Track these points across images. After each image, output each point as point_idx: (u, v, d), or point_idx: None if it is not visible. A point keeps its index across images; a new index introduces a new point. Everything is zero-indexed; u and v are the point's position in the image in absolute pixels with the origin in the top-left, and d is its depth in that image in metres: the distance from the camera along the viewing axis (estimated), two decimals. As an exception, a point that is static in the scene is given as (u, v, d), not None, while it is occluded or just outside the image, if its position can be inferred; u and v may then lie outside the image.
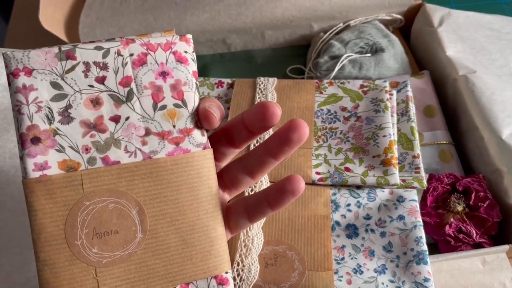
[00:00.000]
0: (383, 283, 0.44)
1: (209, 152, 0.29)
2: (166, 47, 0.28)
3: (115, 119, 0.27)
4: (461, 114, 0.58)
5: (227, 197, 0.31)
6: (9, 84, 0.26)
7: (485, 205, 0.49)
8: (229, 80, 0.59)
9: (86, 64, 0.26)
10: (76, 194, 0.26)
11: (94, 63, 0.26)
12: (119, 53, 0.27)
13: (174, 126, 0.28)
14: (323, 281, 0.44)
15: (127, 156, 0.26)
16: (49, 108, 0.26)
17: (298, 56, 0.69)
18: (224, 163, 0.31)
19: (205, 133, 0.29)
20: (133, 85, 0.27)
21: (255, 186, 0.49)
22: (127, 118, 0.27)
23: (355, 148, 0.52)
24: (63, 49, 0.26)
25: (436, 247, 0.51)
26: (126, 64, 0.27)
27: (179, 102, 0.28)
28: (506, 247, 0.47)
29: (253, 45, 0.69)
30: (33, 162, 0.25)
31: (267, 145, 0.28)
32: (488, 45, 0.63)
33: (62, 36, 0.62)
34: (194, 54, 0.29)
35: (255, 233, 0.46)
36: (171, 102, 0.28)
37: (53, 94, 0.26)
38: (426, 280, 0.43)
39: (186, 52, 0.28)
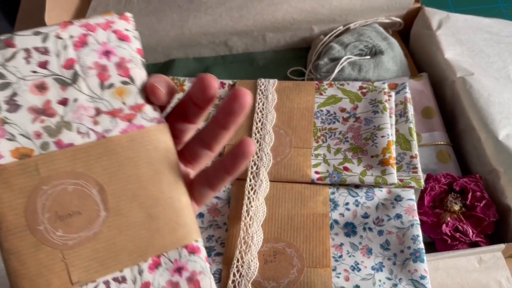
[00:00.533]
0: (380, 280, 0.44)
1: (164, 126, 0.29)
2: (106, 27, 0.28)
3: (63, 102, 0.26)
4: (459, 116, 0.58)
5: (191, 172, 0.32)
6: None
7: (481, 205, 0.50)
8: (230, 82, 0.60)
9: (27, 51, 0.26)
10: (32, 180, 0.26)
11: (35, 48, 0.26)
12: (58, 36, 0.27)
13: (124, 103, 0.28)
14: (321, 278, 0.45)
15: (80, 138, 0.26)
16: None
17: (299, 59, 0.70)
18: (185, 140, 0.32)
19: (157, 108, 0.29)
20: (77, 67, 0.27)
21: (255, 185, 0.50)
22: (76, 100, 0.27)
23: (354, 148, 0.53)
24: (1, 38, 0.26)
25: (433, 246, 0.51)
26: (67, 46, 0.27)
27: (126, 79, 0.28)
28: (502, 246, 0.47)
29: (255, 48, 0.70)
30: None
31: (216, 118, 0.29)
32: (487, 48, 0.64)
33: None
34: (137, 32, 0.29)
35: (254, 231, 0.47)
36: (118, 79, 0.27)
37: None
38: (422, 277, 0.44)
39: (127, 30, 0.28)
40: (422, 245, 0.46)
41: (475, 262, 0.48)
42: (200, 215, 0.51)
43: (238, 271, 0.45)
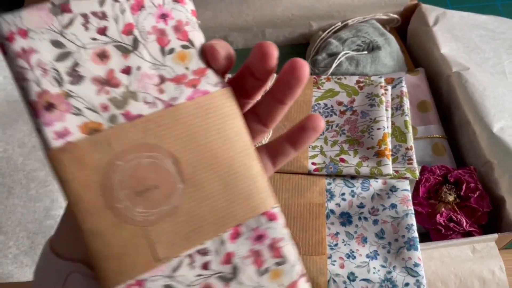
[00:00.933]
0: (374, 268, 0.45)
1: (229, 90, 0.27)
2: None
3: (126, 71, 0.25)
4: (455, 109, 0.59)
5: None
6: (4, 53, 0.23)
7: (475, 196, 0.51)
8: (229, 76, 0.61)
9: (84, 16, 0.24)
10: (106, 156, 0.24)
11: (92, 13, 0.25)
12: (115, 0, 0.25)
13: (187, 69, 0.26)
14: (317, 265, 0.46)
15: (148, 108, 0.25)
16: (55, 69, 0.24)
17: (298, 54, 0.71)
18: None
19: (219, 73, 0.27)
20: (136, 32, 0.25)
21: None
22: (139, 68, 0.25)
23: (350, 140, 0.54)
24: (56, 3, 0.24)
25: (428, 237, 0.52)
26: (124, 10, 0.25)
27: (186, 43, 0.26)
28: (495, 235, 0.48)
29: (254, 43, 0.70)
30: (52, 131, 0.23)
31: (272, 91, 0.28)
32: (482, 44, 0.65)
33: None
34: None
35: None
36: (177, 44, 0.26)
37: (56, 53, 0.24)
38: (416, 265, 0.45)
39: None
40: (416, 234, 0.46)
41: (469, 251, 0.49)
42: None
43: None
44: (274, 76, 0.48)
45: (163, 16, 0.26)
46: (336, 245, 0.48)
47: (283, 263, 0.27)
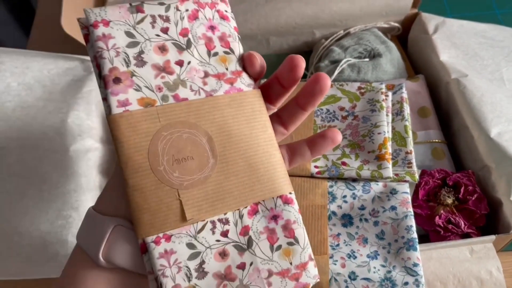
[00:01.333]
0: (375, 267, 0.47)
1: (258, 91, 0.33)
2: (211, 6, 0.33)
3: (180, 63, 0.31)
4: (453, 115, 0.61)
5: None
6: (87, 40, 0.30)
7: (473, 198, 0.52)
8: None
9: (153, 17, 0.31)
10: (154, 126, 0.29)
11: (159, 16, 0.31)
12: (177, 8, 0.32)
13: (227, 69, 0.32)
14: (318, 264, 0.47)
15: (193, 94, 0.30)
16: (125, 53, 0.30)
17: (301, 61, 0.73)
18: None
19: (252, 77, 0.33)
20: (190, 35, 0.32)
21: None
22: (189, 63, 0.31)
23: (351, 144, 0.56)
24: (133, 4, 0.31)
25: (427, 238, 0.54)
26: (183, 18, 0.32)
27: (228, 50, 0.32)
28: (492, 237, 0.50)
29: (259, 51, 0.73)
30: (116, 99, 0.29)
31: (297, 98, 0.33)
32: (481, 51, 0.66)
33: (82, 40, 0.67)
34: (233, 13, 0.34)
35: None
36: (221, 49, 0.32)
37: (128, 41, 0.30)
38: (415, 265, 0.46)
39: (226, 11, 0.34)
40: (415, 235, 0.48)
41: (467, 252, 0.50)
42: None
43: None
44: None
45: (212, 28, 0.33)
46: (337, 245, 0.49)
47: (295, 243, 0.31)
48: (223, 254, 0.30)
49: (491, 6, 0.81)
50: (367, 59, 0.65)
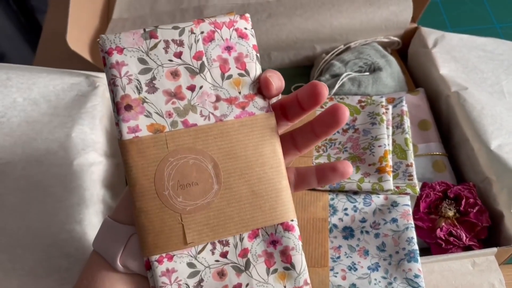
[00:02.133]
0: (375, 279, 0.47)
1: (271, 115, 0.33)
2: (229, 25, 0.32)
3: (191, 88, 0.31)
4: (454, 128, 0.61)
5: None
6: (104, 64, 0.31)
7: (474, 211, 0.53)
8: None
9: (166, 42, 0.31)
10: (162, 152, 0.30)
11: (173, 40, 0.31)
12: (192, 31, 0.32)
13: (239, 93, 0.32)
14: (319, 276, 0.47)
15: (202, 120, 0.31)
16: (137, 80, 0.31)
17: (302, 75, 0.74)
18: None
19: (266, 98, 0.33)
20: (204, 58, 0.32)
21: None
22: (201, 87, 0.31)
23: (352, 157, 0.56)
24: (147, 30, 0.31)
25: (429, 251, 0.54)
26: (198, 40, 0.32)
27: (243, 72, 0.32)
28: (494, 249, 0.50)
29: (261, 65, 0.74)
30: (127, 126, 0.30)
31: (313, 124, 0.33)
32: (480, 64, 0.67)
33: (87, 56, 0.69)
34: (253, 30, 0.34)
35: None
36: (235, 72, 0.32)
37: (140, 68, 0.31)
38: (416, 276, 0.46)
39: (246, 28, 0.33)
40: (416, 247, 0.48)
41: (469, 265, 0.50)
42: None
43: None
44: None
45: (228, 48, 0.32)
46: (338, 257, 0.49)
47: (291, 269, 0.32)
48: (221, 274, 0.31)
49: (491, 20, 0.82)
50: (367, 73, 0.66)
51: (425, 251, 0.53)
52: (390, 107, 0.60)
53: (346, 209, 0.52)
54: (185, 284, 0.30)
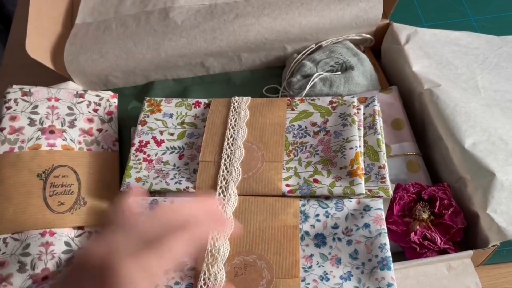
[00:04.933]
0: None
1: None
2: None
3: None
4: (428, 126, 0.60)
5: None
6: None
7: (449, 212, 0.51)
8: (206, 100, 0.62)
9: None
10: None
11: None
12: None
13: None
14: None
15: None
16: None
17: (274, 77, 0.72)
18: None
19: None
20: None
21: (223, 200, 0.51)
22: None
23: (323, 161, 0.54)
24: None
25: (403, 255, 0.52)
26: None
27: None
28: (470, 252, 0.48)
29: (231, 67, 0.72)
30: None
31: None
32: (455, 60, 0.65)
33: (48, 64, 0.66)
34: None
35: (221, 243, 0.47)
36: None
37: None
38: (389, 285, 0.44)
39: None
40: (389, 253, 0.46)
41: (444, 269, 0.48)
42: None
43: (205, 283, 0.46)
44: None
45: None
46: (310, 267, 0.47)
47: None
48: None
49: (466, 13, 0.80)
50: (339, 73, 0.64)
51: (400, 254, 0.52)
52: (361, 107, 0.58)
53: (318, 215, 0.51)
54: None
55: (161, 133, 0.59)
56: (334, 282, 0.46)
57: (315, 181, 0.52)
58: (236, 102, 0.60)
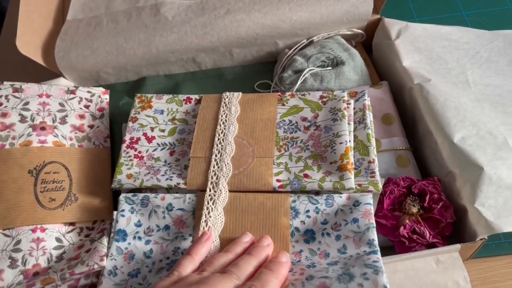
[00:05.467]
0: (333, 270, 0.44)
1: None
2: None
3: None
4: (418, 121, 0.60)
5: None
6: None
7: (438, 207, 0.51)
8: (196, 96, 0.62)
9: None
10: None
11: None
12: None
13: None
14: None
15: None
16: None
17: (266, 72, 0.72)
18: None
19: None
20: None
21: (214, 195, 0.51)
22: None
23: (314, 156, 0.54)
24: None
25: (393, 249, 0.52)
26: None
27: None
28: (458, 246, 0.48)
29: (223, 63, 0.72)
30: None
31: None
32: (445, 54, 0.66)
33: (39, 60, 0.66)
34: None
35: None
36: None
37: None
38: (375, 261, 0.44)
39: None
40: (377, 248, 0.46)
41: (433, 263, 0.49)
42: (166, 227, 0.52)
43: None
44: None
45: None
46: (299, 261, 0.48)
47: None
48: None
49: (458, 8, 0.80)
50: (329, 68, 0.64)
51: (389, 249, 0.52)
52: (352, 101, 0.58)
53: (308, 211, 0.51)
54: None
55: (152, 129, 0.59)
56: (320, 267, 0.46)
57: (306, 176, 0.52)
58: (227, 97, 0.60)
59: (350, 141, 0.54)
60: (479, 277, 0.54)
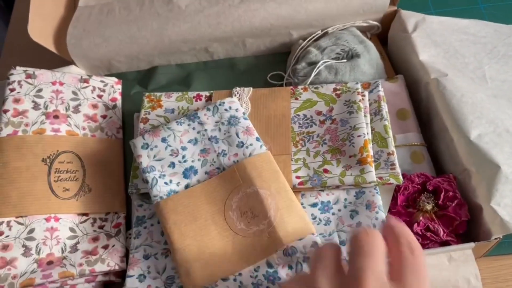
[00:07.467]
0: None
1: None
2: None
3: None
4: (433, 117, 0.59)
5: None
6: None
7: (453, 205, 0.51)
8: (207, 93, 0.60)
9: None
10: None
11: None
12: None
13: None
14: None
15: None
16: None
17: (279, 63, 0.71)
18: None
19: None
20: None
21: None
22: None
23: (332, 150, 0.54)
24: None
25: (406, 246, 0.52)
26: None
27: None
28: (472, 244, 0.48)
29: (236, 53, 0.71)
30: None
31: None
32: (462, 48, 0.64)
33: (51, 47, 0.65)
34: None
35: None
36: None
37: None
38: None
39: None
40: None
41: (445, 260, 0.48)
42: None
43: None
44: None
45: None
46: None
47: None
48: None
49: (475, 0, 0.79)
50: (344, 60, 0.63)
51: (402, 245, 0.52)
52: (366, 93, 0.57)
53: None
54: None
55: None
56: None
57: (325, 171, 0.52)
58: (238, 93, 0.59)
59: (368, 133, 0.53)
60: (491, 275, 0.54)
